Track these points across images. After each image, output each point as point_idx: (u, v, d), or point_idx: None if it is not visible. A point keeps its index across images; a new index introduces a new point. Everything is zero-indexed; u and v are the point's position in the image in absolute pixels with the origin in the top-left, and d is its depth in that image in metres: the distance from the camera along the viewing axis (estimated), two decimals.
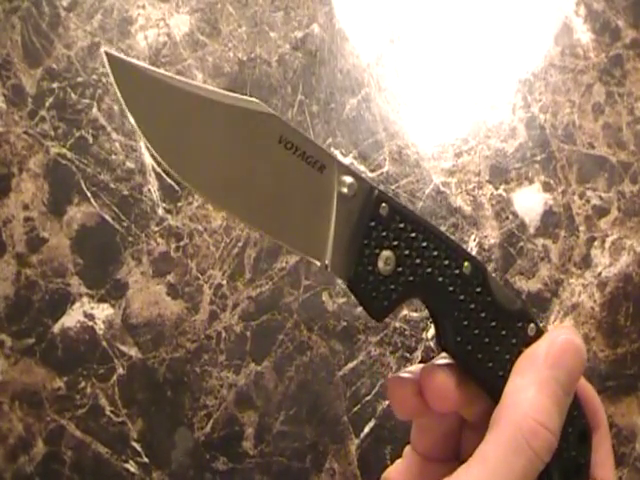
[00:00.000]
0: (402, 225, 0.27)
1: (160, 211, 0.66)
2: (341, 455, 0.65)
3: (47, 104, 0.66)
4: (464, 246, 0.67)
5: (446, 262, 0.28)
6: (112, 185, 0.66)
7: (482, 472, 0.25)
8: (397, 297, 0.28)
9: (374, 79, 0.69)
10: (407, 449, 0.33)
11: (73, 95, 0.67)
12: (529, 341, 0.29)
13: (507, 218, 0.68)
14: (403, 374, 0.30)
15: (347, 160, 0.67)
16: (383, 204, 0.27)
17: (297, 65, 0.69)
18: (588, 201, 0.68)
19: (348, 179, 0.27)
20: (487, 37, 0.70)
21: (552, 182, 0.68)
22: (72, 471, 0.63)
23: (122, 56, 0.25)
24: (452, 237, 0.31)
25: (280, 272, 0.66)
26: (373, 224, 0.27)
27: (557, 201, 0.68)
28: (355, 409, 0.65)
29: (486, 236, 0.67)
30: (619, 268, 0.68)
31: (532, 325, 0.29)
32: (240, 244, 0.66)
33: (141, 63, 0.25)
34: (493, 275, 0.29)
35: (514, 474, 0.25)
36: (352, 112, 0.68)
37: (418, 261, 0.28)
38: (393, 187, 0.67)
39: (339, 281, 0.66)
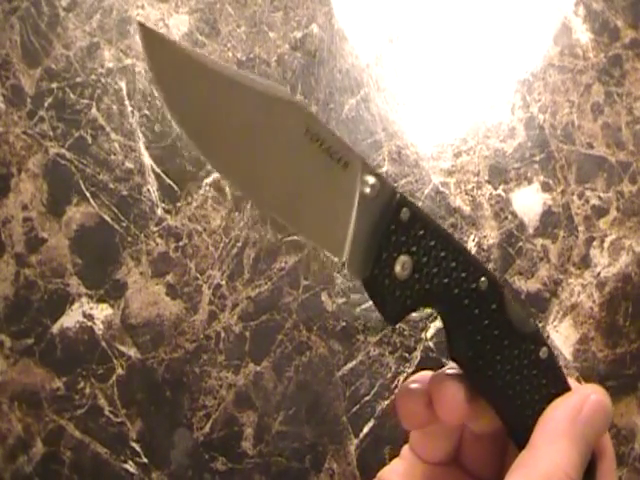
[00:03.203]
0: (422, 232, 0.27)
1: (159, 211, 0.66)
2: (340, 455, 0.65)
3: (46, 104, 0.66)
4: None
5: (463, 274, 0.28)
6: (111, 185, 0.66)
7: None
8: (411, 303, 0.27)
9: (373, 79, 0.69)
10: (405, 449, 0.33)
11: (72, 95, 0.67)
12: (541, 364, 0.29)
13: (506, 218, 0.68)
14: (412, 385, 0.30)
15: None
16: (404, 209, 0.27)
17: (296, 65, 0.68)
18: (587, 201, 0.68)
19: (371, 179, 0.27)
20: (486, 37, 0.70)
21: (551, 182, 0.68)
22: (71, 471, 0.63)
23: (155, 29, 0.25)
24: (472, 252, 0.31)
25: (279, 272, 0.66)
26: (393, 227, 0.27)
27: (556, 201, 0.68)
28: (354, 409, 0.65)
29: (485, 236, 0.67)
30: (618, 268, 0.68)
31: (544, 349, 0.29)
32: (239, 244, 0.66)
33: (173, 39, 0.25)
34: (510, 295, 0.29)
35: None
36: (351, 112, 0.68)
37: (435, 270, 0.27)
38: None
39: (338, 281, 0.66)
